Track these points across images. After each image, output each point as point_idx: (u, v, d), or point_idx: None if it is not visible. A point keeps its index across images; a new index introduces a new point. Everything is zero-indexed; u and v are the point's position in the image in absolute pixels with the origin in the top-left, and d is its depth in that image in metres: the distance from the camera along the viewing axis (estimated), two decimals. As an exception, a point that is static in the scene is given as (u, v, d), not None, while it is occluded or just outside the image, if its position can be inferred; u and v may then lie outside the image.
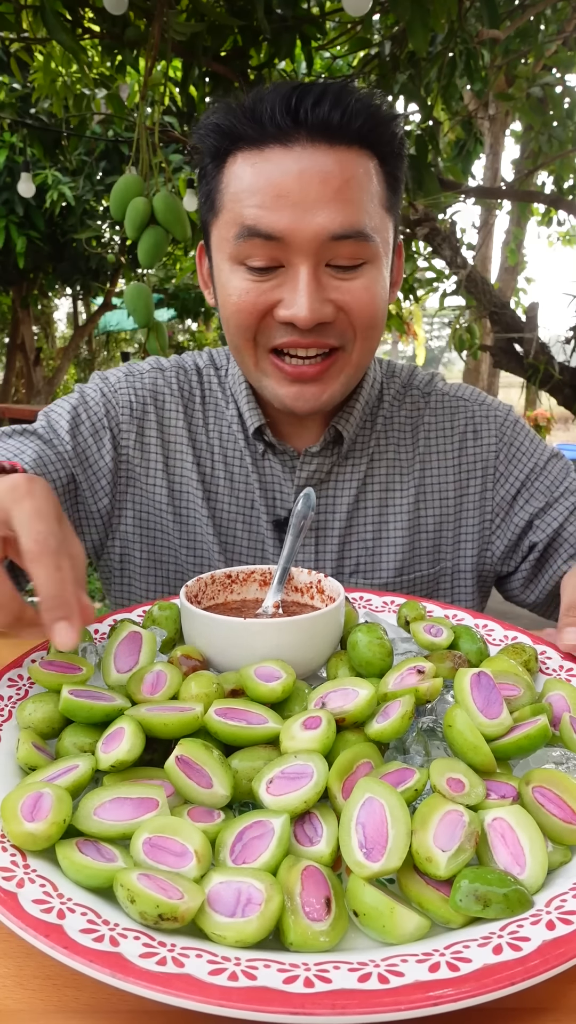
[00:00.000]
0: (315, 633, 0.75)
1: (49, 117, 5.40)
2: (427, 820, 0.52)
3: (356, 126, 0.92)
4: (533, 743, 0.61)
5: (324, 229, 0.91)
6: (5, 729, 0.68)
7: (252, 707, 0.65)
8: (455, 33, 2.81)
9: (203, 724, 0.63)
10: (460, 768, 0.58)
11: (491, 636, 0.87)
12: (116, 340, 15.78)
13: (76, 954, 0.43)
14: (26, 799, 0.54)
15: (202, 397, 1.17)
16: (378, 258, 0.97)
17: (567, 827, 0.54)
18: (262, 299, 0.95)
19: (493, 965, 0.43)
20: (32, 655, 0.79)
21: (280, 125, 0.91)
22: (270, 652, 0.72)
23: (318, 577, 0.86)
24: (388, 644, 0.74)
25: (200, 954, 0.45)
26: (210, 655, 0.75)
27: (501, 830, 0.53)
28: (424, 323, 10.39)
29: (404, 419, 1.17)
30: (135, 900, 0.46)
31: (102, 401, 1.14)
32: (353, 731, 0.64)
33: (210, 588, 0.86)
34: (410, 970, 0.44)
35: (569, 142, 4.64)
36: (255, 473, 1.13)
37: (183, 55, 2.58)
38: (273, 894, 0.47)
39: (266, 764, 0.59)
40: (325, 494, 1.13)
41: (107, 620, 0.89)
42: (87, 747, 0.63)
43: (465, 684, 0.66)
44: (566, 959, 0.44)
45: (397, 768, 0.58)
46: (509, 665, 0.73)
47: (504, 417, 1.18)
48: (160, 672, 0.70)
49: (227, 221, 0.96)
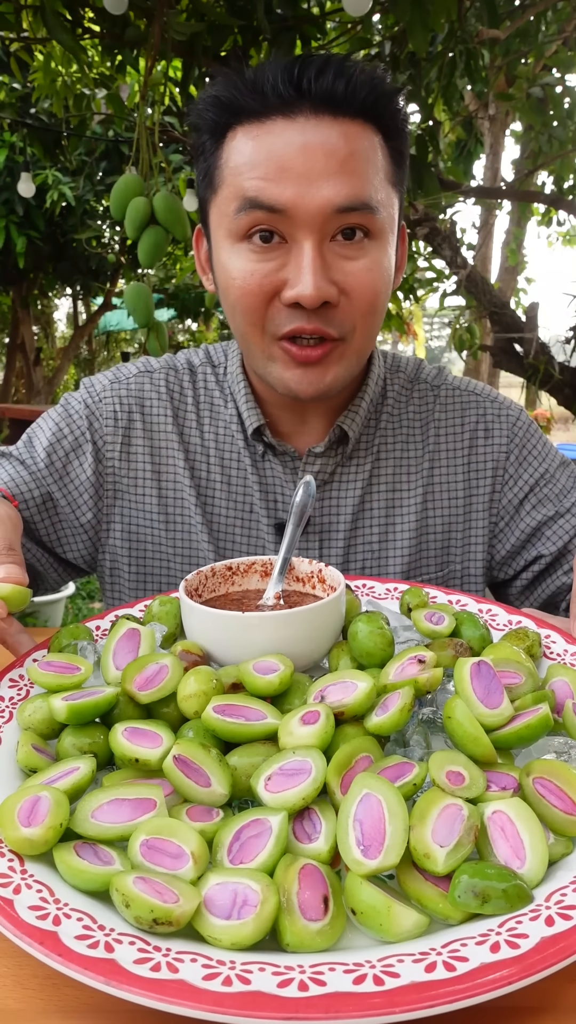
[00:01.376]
0: (315, 624, 0.74)
1: (49, 117, 5.41)
2: (425, 814, 0.52)
3: (360, 98, 0.89)
4: (534, 733, 0.61)
5: (329, 202, 0.88)
6: (5, 731, 0.68)
7: (250, 702, 0.64)
8: (455, 33, 2.81)
9: (202, 721, 0.62)
10: (460, 760, 0.57)
11: (495, 621, 0.86)
12: (116, 340, 15.76)
13: (71, 961, 0.43)
14: (23, 804, 0.54)
15: (195, 397, 1.15)
16: (383, 233, 0.94)
17: (568, 818, 0.54)
18: (267, 281, 0.92)
19: (490, 964, 0.43)
20: (33, 654, 0.79)
21: (283, 95, 0.88)
22: (270, 645, 0.71)
23: (319, 567, 0.85)
24: (389, 634, 0.73)
25: (195, 958, 0.45)
26: (210, 650, 0.75)
27: (501, 823, 0.53)
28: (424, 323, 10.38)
29: (413, 415, 1.14)
30: (130, 905, 0.46)
31: (85, 413, 1.12)
32: (352, 724, 0.64)
33: (211, 581, 0.85)
34: (406, 971, 0.43)
35: (569, 142, 4.64)
36: (255, 475, 1.10)
37: (183, 55, 2.58)
38: (269, 896, 0.47)
39: (265, 760, 0.58)
40: (329, 495, 1.10)
41: (108, 616, 0.89)
42: (87, 748, 0.63)
43: (465, 674, 0.65)
44: (564, 956, 0.43)
45: (396, 762, 0.58)
46: (511, 652, 0.72)
47: (516, 417, 1.15)
48: (163, 666, 0.69)
49: (227, 196, 0.93)
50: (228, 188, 0.93)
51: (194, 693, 0.65)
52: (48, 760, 0.63)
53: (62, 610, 5.20)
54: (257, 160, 0.90)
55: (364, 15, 2.32)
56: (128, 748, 0.60)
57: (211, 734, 0.63)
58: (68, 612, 5.34)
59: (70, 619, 5.24)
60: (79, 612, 5.38)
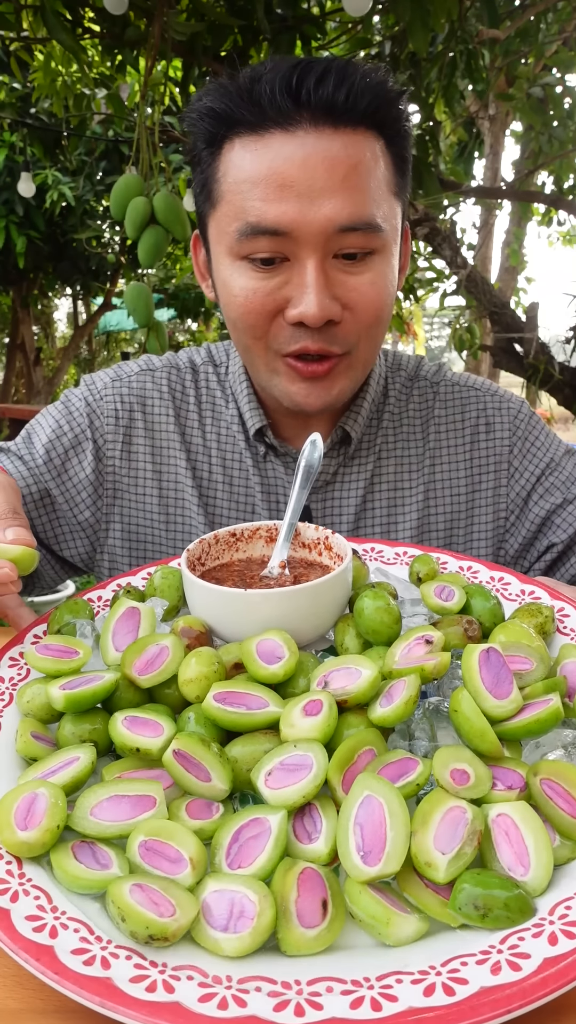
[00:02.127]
0: (320, 600, 0.72)
1: (49, 117, 5.41)
2: (428, 819, 0.51)
3: (362, 106, 0.87)
4: (543, 726, 0.59)
5: (331, 221, 0.87)
6: (6, 715, 0.66)
7: (252, 688, 0.63)
8: (455, 33, 2.81)
9: (203, 711, 0.61)
10: (465, 756, 0.56)
11: (507, 591, 0.82)
12: (116, 340, 15.76)
13: (67, 979, 0.43)
14: (19, 803, 0.53)
15: (197, 397, 1.14)
16: (387, 247, 0.93)
17: (574, 822, 0.53)
18: (270, 299, 0.91)
19: (490, 988, 0.42)
20: (33, 629, 0.77)
21: (280, 107, 0.86)
22: (274, 621, 0.69)
23: (326, 533, 0.83)
24: (396, 610, 0.71)
25: (191, 975, 0.44)
26: (212, 624, 0.73)
27: (505, 827, 0.52)
28: (424, 323, 10.38)
29: (413, 413, 1.14)
30: (126, 919, 0.46)
31: (86, 411, 1.11)
32: (356, 713, 0.62)
33: (214, 548, 0.83)
34: (404, 993, 0.43)
35: (569, 142, 4.64)
36: (256, 475, 1.10)
37: (183, 55, 2.58)
38: (266, 908, 0.47)
39: (266, 754, 0.57)
40: (332, 496, 1.10)
41: (110, 585, 0.86)
42: (87, 736, 0.62)
43: (473, 662, 0.62)
44: (566, 982, 0.42)
45: (400, 758, 0.56)
46: (522, 633, 0.69)
47: (518, 410, 1.14)
48: (163, 647, 0.68)
49: (227, 213, 0.92)
50: (228, 205, 0.91)
51: (195, 677, 0.64)
52: (48, 748, 0.62)
53: (62, 610, 5.18)
54: (257, 177, 0.88)
55: (364, 15, 2.32)
56: (129, 737, 0.59)
57: (212, 722, 0.61)
58: (68, 612, 5.32)
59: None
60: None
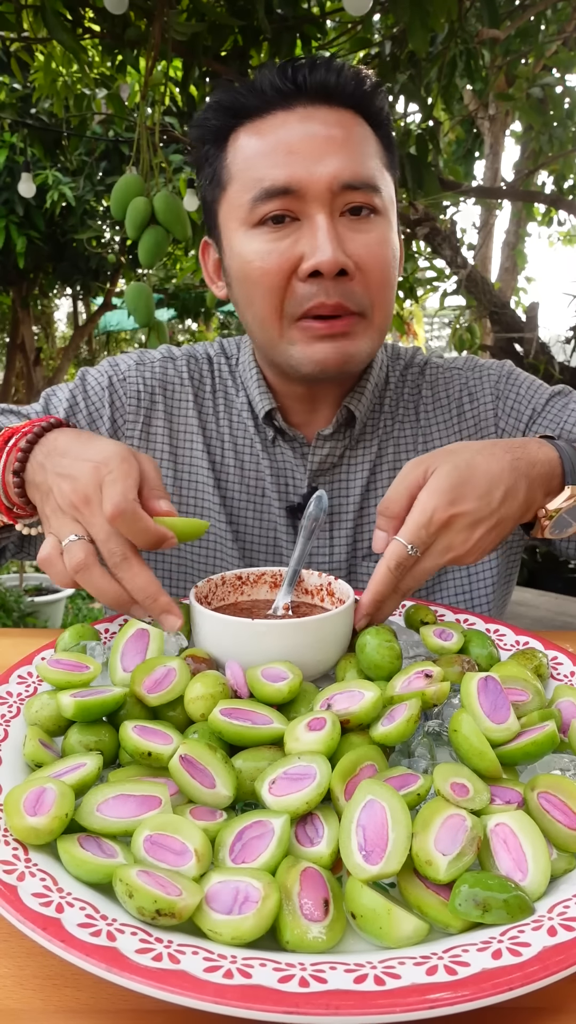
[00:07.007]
0: (324, 635, 0.75)
1: (49, 117, 5.40)
2: (428, 823, 0.52)
3: (349, 91, 0.98)
4: (540, 749, 0.61)
5: (336, 178, 0.94)
6: (13, 725, 0.68)
7: (257, 707, 0.65)
8: (455, 33, 2.81)
9: (208, 724, 0.63)
10: (464, 773, 0.57)
11: (502, 641, 0.87)
12: (116, 340, 15.75)
13: (73, 948, 0.44)
14: (29, 794, 0.54)
15: (212, 385, 1.18)
16: (387, 212, 1.00)
17: (572, 834, 0.54)
18: (285, 258, 0.96)
19: (492, 970, 0.43)
20: (42, 652, 0.80)
21: (281, 89, 0.97)
22: (278, 653, 0.71)
23: (328, 579, 0.86)
24: (397, 647, 0.73)
25: (196, 951, 0.45)
26: (218, 656, 0.75)
27: (504, 835, 0.53)
28: (424, 323, 10.36)
29: (408, 398, 1.18)
30: (133, 895, 0.46)
31: (107, 388, 1.14)
32: (358, 733, 0.64)
33: (220, 589, 0.87)
34: (407, 972, 0.43)
35: (569, 142, 4.63)
36: (266, 459, 1.13)
37: (183, 55, 2.58)
38: (270, 892, 0.47)
39: (270, 764, 0.59)
40: (338, 479, 1.13)
41: (117, 620, 0.89)
42: (93, 746, 0.63)
43: (472, 688, 0.65)
44: (566, 966, 0.43)
45: (401, 773, 0.58)
46: (518, 670, 0.73)
47: (498, 373, 1.17)
48: (171, 669, 0.69)
49: (239, 189, 0.98)
50: (239, 182, 0.98)
51: (201, 695, 0.65)
52: (54, 755, 0.63)
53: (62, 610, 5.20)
54: (265, 150, 0.96)
55: (364, 15, 2.32)
56: (140, 743, 0.60)
57: (217, 736, 0.63)
58: (68, 612, 5.34)
59: (70, 619, 5.23)
60: (79, 612, 5.38)
